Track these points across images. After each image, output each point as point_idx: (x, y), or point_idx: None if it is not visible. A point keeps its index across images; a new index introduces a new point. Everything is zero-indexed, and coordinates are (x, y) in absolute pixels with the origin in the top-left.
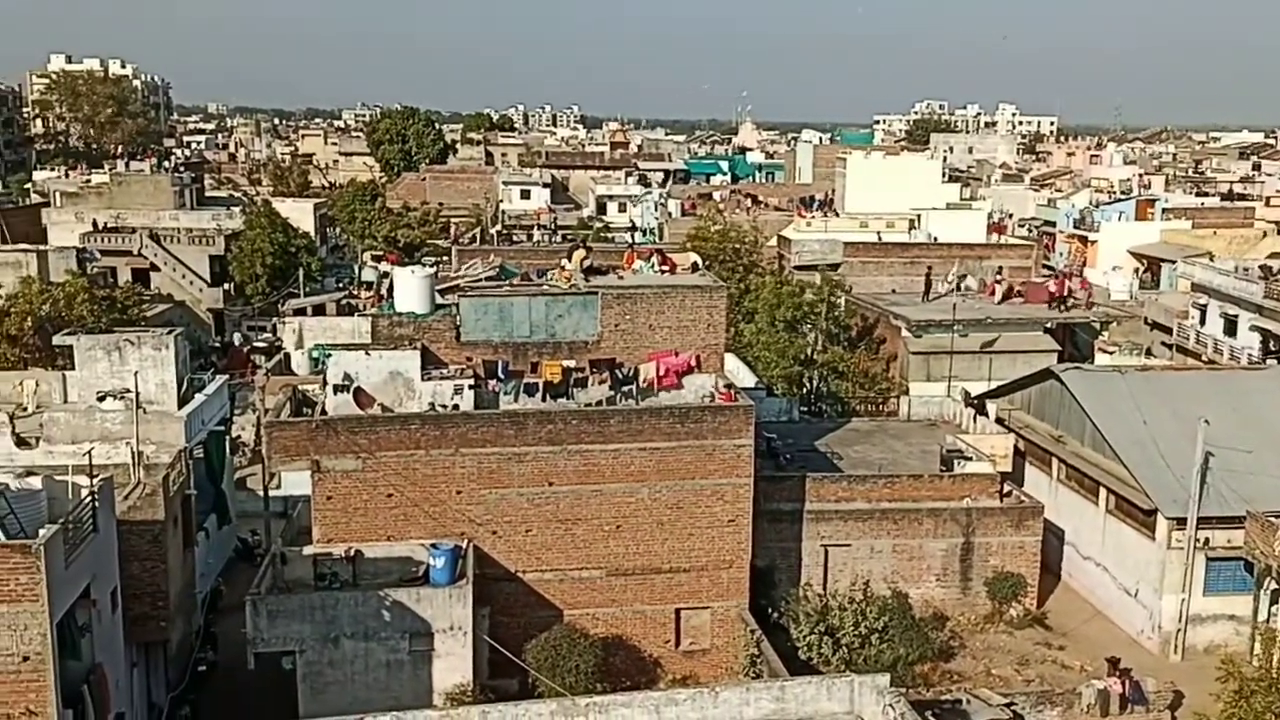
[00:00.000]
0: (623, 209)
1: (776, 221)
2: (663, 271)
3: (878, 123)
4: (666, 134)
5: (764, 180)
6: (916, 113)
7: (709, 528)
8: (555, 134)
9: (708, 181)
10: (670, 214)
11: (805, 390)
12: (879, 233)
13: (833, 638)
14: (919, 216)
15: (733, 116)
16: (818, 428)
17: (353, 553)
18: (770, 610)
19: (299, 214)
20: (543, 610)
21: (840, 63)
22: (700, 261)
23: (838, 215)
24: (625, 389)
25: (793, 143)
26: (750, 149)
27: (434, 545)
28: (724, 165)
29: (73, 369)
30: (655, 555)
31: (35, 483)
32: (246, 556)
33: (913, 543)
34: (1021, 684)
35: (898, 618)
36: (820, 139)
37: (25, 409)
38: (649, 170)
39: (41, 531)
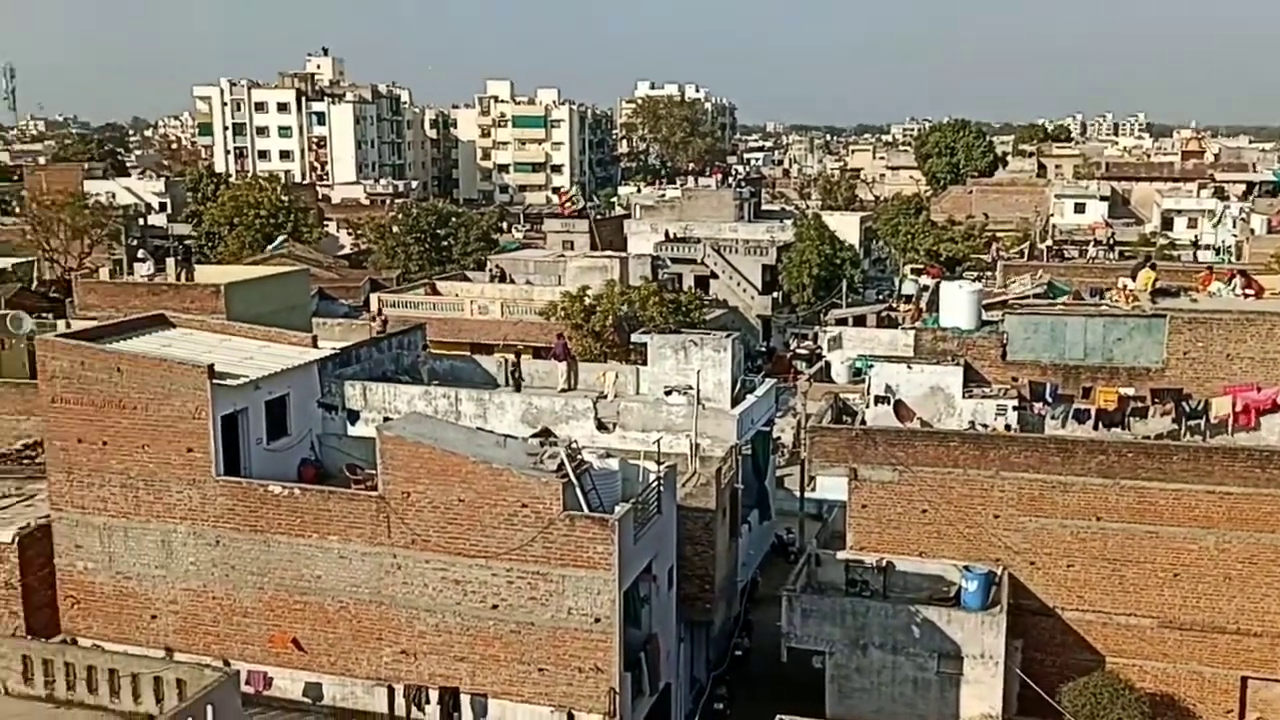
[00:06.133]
0: (1193, 224)
1: None
2: (1245, 295)
3: None
4: (1250, 141)
5: None
6: None
7: None
8: (1116, 144)
9: None
10: (1253, 231)
11: None
12: None
13: None
14: None
15: None
16: None
17: (884, 563)
18: None
19: (845, 227)
20: (1081, 652)
21: None
22: None
23: None
24: (1192, 423)
25: None
26: None
27: (967, 567)
28: None
29: (645, 364)
30: (1219, 612)
31: (613, 464)
32: (781, 553)
33: None
34: None
35: None
36: None
37: (606, 397)
38: (1227, 182)
39: (617, 508)
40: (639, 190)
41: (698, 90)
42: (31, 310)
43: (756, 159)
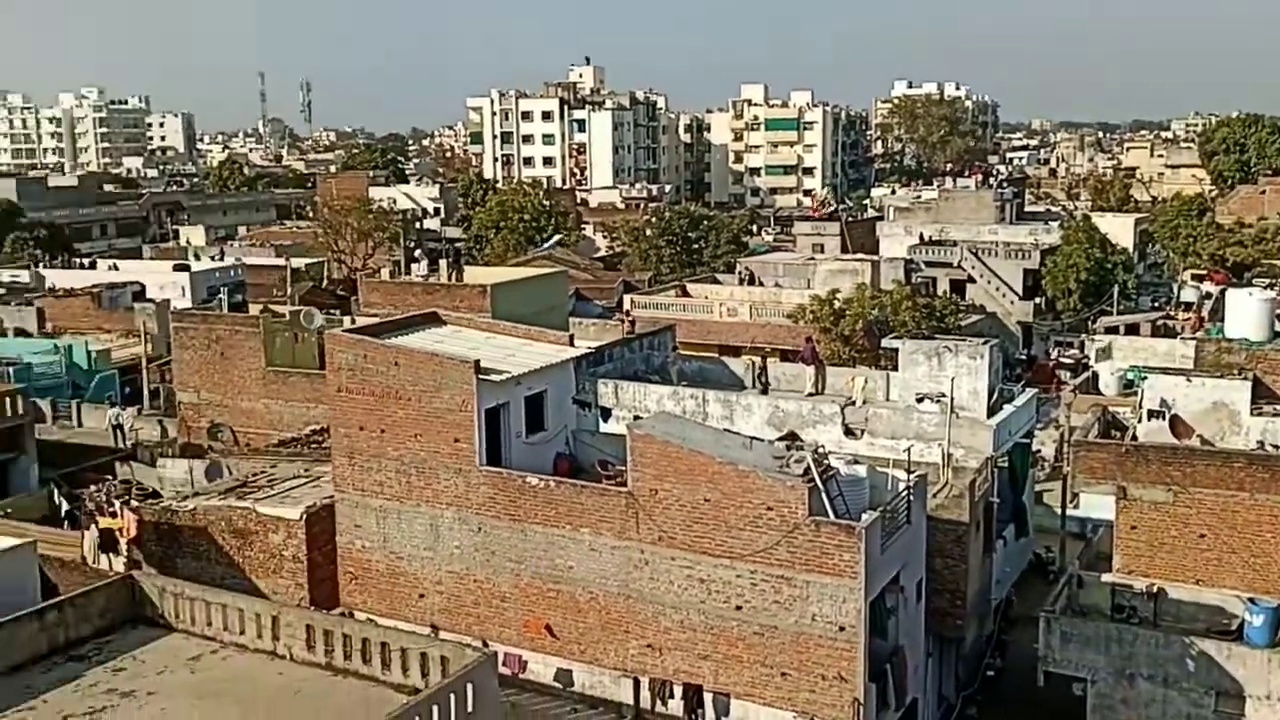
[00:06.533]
0: None
1: None
2: None
3: None
4: None
5: None
6: None
7: None
8: None
9: None
10: None
11: None
12: None
13: None
14: None
15: None
16: None
17: (1155, 589)
18: None
19: (1118, 229)
20: None
21: None
22: None
23: None
24: None
25: None
26: None
27: (1252, 599)
28: None
29: (896, 370)
30: None
31: (860, 471)
32: (1039, 572)
33: None
34: None
35: None
36: None
37: (854, 402)
38: None
39: (864, 516)
40: (893, 192)
41: (958, 88)
42: (322, 307)
43: (1020, 158)
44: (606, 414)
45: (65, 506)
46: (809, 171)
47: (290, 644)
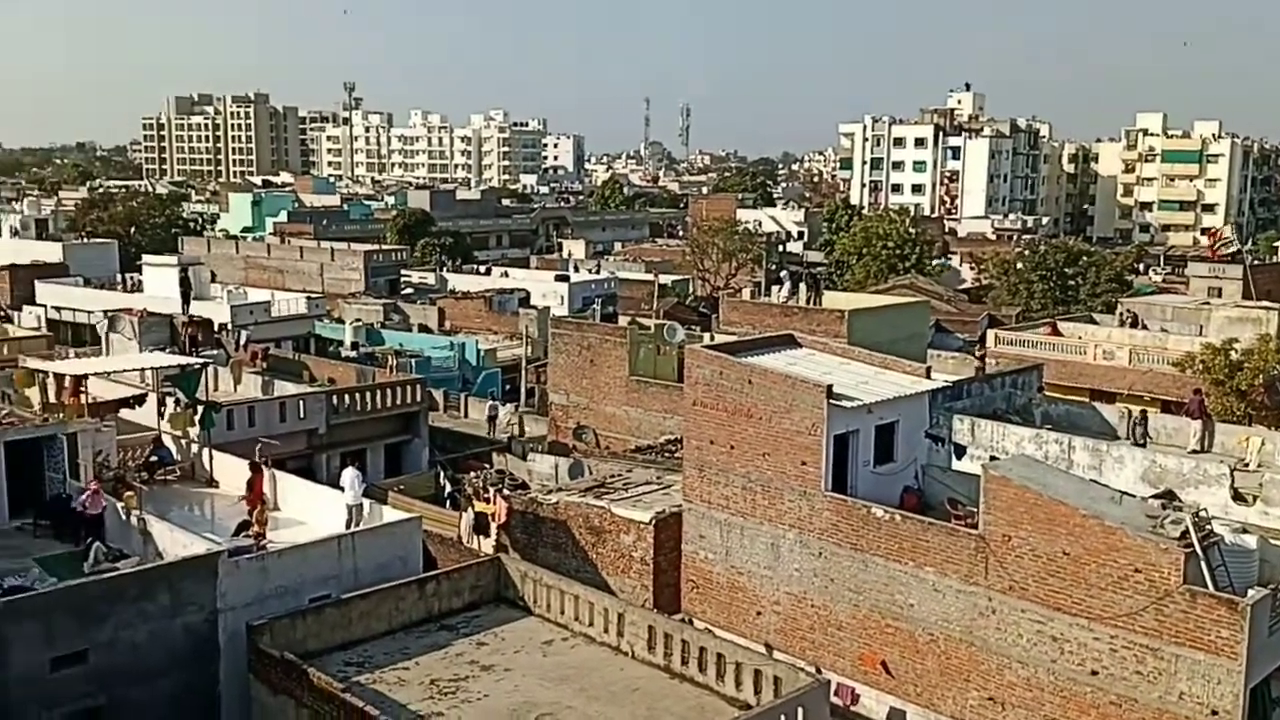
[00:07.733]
0: None
1: None
2: None
3: None
4: None
5: None
6: None
7: None
8: None
9: None
10: None
11: None
12: None
13: None
14: None
15: None
16: None
17: None
18: None
19: None
20: None
21: None
22: None
23: None
24: None
25: None
26: None
27: None
28: None
29: None
30: None
31: (1249, 541)
32: None
33: None
34: None
35: None
36: None
37: (1247, 464)
38: None
39: (1250, 591)
40: None
41: None
42: (684, 322)
43: None
44: (960, 451)
45: (448, 488)
46: (1210, 208)
47: (633, 642)
